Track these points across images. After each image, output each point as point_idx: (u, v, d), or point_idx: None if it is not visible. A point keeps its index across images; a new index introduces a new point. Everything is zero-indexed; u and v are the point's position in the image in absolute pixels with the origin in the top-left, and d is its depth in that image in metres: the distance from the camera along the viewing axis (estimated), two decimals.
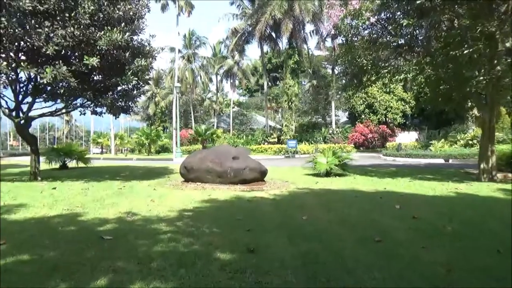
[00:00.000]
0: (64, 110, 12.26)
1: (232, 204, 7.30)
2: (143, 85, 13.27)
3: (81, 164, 18.41)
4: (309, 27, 38.76)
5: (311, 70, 48.64)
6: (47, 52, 8.60)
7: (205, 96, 70.90)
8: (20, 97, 10.83)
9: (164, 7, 37.42)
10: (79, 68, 8.88)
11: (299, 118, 50.72)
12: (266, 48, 44.85)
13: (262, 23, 34.43)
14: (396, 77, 11.88)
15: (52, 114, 12.00)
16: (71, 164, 18.31)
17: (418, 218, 5.79)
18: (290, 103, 36.29)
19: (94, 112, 13.79)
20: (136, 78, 10.11)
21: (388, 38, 12.71)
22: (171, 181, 11.49)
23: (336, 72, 44.25)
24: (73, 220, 5.61)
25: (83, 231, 4.95)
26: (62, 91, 9.17)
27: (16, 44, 8.79)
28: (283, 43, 39.29)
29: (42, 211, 6.38)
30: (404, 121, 39.92)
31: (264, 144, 39.01)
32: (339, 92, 43.41)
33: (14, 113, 11.18)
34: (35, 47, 8.60)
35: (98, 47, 9.04)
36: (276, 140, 39.27)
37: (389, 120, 39.26)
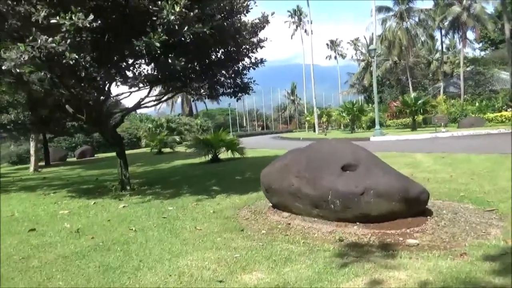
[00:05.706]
0: (152, 101, 9.37)
1: None
2: (253, 49, 9.06)
3: (237, 155, 15.87)
4: None
5: None
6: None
7: (431, 57, 59.58)
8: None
9: None
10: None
11: None
12: None
13: None
14: None
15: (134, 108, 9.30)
16: (225, 155, 16.00)
17: None
18: None
19: (210, 96, 10.95)
20: (164, 36, 5.63)
21: None
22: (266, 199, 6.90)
23: None
24: None
25: None
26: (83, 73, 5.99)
27: None
28: None
29: None
30: None
31: (507, 110, 28.21)
32: None
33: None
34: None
35: None
36: None
37: None
